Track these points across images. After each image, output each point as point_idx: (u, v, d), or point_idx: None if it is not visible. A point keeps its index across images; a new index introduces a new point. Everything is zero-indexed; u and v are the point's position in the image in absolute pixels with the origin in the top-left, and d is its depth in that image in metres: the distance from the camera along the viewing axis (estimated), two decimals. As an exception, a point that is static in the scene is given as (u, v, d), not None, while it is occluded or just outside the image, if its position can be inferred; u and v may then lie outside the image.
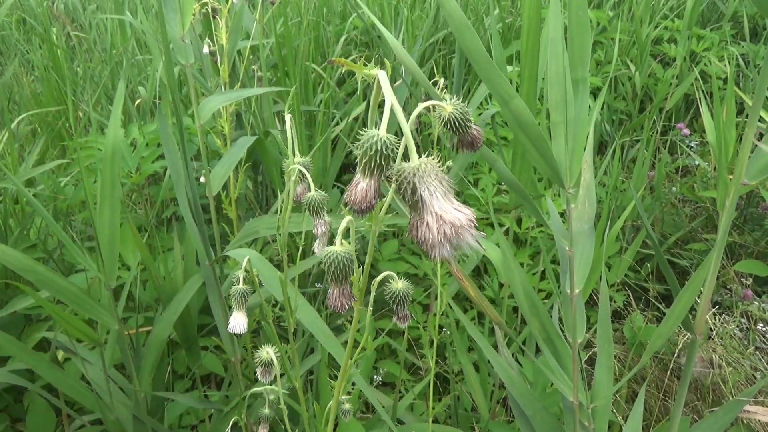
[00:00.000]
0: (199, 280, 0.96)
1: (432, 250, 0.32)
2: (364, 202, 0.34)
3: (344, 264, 0.41)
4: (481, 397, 0.96)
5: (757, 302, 1.19)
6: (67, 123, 2.06)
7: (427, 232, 0.32)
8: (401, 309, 0.47)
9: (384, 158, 0.34)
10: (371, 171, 0.34)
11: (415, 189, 0.33)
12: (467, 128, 0.39)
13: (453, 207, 0.33)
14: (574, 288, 0.57)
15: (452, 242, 0.32)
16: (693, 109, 2.25)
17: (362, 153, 0.34)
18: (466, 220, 0.32)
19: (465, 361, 0.97)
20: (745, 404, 0.73)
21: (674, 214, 1.67)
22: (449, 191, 0.33)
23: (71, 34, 2.85)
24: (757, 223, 1.54)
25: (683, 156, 1.85)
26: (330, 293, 0.42)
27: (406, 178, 0.34)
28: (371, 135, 0.34)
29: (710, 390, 1.13)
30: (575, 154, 0.52)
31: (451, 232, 0.32)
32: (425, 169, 0.33)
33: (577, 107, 0.53)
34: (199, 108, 0.92)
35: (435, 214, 0.32)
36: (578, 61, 0.53)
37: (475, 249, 0.33)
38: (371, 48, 2.30)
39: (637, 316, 1.31)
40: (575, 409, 0.60)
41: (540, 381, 0.91)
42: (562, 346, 0.60)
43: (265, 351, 0.50)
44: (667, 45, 2.18)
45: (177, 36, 0.90)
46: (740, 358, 1.11)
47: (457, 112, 0.38)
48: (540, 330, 0.61)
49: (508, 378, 0.67)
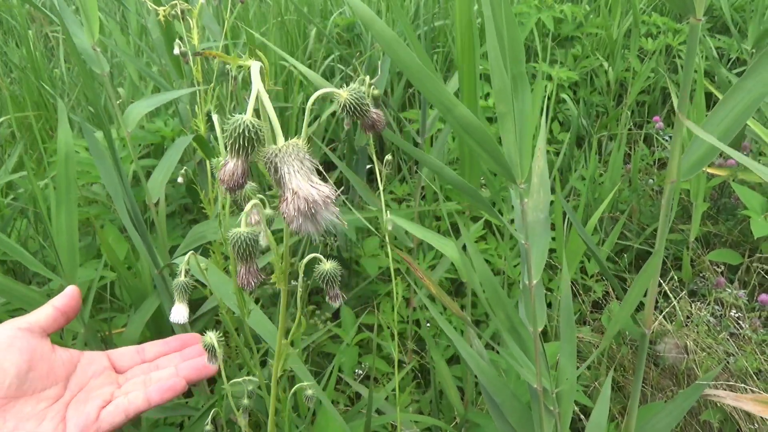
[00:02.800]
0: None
1: (292, 224, 0.35)
2: (232, 181, 0.37)
3: (248, 243, 0.43)
4: (452, 389, 0.98)
5: (729, 289, 1.22)
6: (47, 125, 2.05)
7: (285, 207, 0.35)
8: (332, 288, 0.48)
9: (247, 140, 0.37)
10: (237, 151, 0.37)
11: (277, 168, 0.36)
12: (365, 112, 0.41)
13: (310, 184, 0.35)
14: (532, 279, 0.59)
15: (307, 216, 0.35)
16: (669, 102, 2.28)
17: (228, 135, 0.37)
18: (320, 196, 0.35)
19: (437, 357, 0.99)
20: (705, 387, 0.75)
21: (651, 205, 1.70)
22: (310, 171, 0.36)
23: (49, 35, 2.83)
24: (731, 213, 1.58)
25: (659, 149, 1.88)
26: (238, 272, 0.44)
27: (269, 159, 0.37)
28: (237, 118, 0.37)
29: (685, 375, 1.16)
30: (524, 148, 0.54)
31: (304, 206, 0.35)
32: (287, 150, 0.37)
33: (519, 102, 0.55)
34: (125, 116, 0.93)
35: (292, 191, 0.35)
36: (513, 59, 0.54)
37: (334, 223, 0.36)
38: (352, 46, 2.31)
39: (615, 305, 1.33)
40: (539, 394, 0.62)
41: (513, 370, 0.93)
42: (526, 335, 0.62)
43: (208, 336, 0.51)
44: (644, 39, 2.21)
45: (86, 45, 0.91)
46: (713, 343, 1.14)
47: (352, 98, 0.41)
48: (504, 320, 0.63)
49: (478, 368, 0.69)
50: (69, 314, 0.57)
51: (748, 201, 1.25)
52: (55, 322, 0.56)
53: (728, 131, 0.60)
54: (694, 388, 0.70)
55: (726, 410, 1.06)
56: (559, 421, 0.63)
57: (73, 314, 0.57)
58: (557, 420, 0.63)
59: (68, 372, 0.54)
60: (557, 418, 0.63)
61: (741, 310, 1.21)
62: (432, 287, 0.60)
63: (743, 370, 1.07)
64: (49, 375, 0.52)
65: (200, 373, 0.56)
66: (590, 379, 1.23)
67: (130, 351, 0.60)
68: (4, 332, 0.52)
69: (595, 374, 1.26)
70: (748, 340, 1.13)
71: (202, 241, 0.90)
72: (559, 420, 0.63)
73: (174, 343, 0.61)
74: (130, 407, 0.53)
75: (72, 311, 0.57)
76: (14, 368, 0.50)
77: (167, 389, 0.54)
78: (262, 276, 0.44)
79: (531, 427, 0.69)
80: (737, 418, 1.07)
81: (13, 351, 0.51)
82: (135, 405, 0.53)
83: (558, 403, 0.62)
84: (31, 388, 0.51)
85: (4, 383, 0.49)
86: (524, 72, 0.55)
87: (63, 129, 0.80)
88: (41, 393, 0.51)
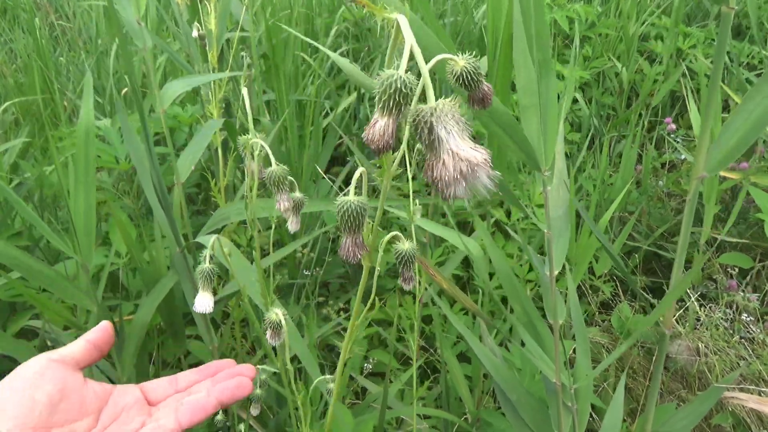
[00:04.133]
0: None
1: (448, 188, 0.33)
2: (382, 141, 0.34)
3: (357, 212, 0.41)
4: (463, 387, 0.96)
5: (742, 293, 1.21)
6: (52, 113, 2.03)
7: (443, 170, 0.33)
8: (407, 270, 0.47)
9: (403, 96, 0.34)
10: (389, 109, 0.34)
11: (432, 128, 0.33)
12: (479, 83, 0.39)
13: (470, 146, 0.33)
14: (553, 270, 0.57)
15: (468, 180, 0.33)
16: (679, 105, 2.27)
17: (381, 91, 0.34)
18: (482, 158, 0.33)
19: (448, 354, 0.98)
20: (724, 390, 0.74)
21: (660, 207, 1.69)
22: (465, 131, 0.34)
23: (55, 24, 2.81)
24: (742, 217, 1.57)
25: (670, 151, 1.87)
26: (343, 242, 0.42)
27: (423, 118, 0.34)
28: (390, 74, 0.34)
29: (696, 378, 1.15)
30: (548, 136, 0.52)
31: (467, 169, 0.32)
32: (442, 109, 0.34)
33: (543, 89, 0.54)
34: (161, 93, 0.91)
35: (451, 152, 0.33)
36: (539, 44, 0.53)
37: (490, 188, 0.33)
38: (360, 41, 2.29)
39: (624, 306, 1.32)
40: (558, 390, 0.60)
41: (528, 368, 0.92)
42: (544, 330, 0.61)
43: (273, 312, 0.50)
44: (654, 41, 2.20)
45: (132, 19, 0.90)
46: (726, 346, 1.13)
47: (469, 66, 0.38)
48: (521, 314, 0.62)
49: (491, 365, 0.68)
50: (102, 348, 0.56)
51: (763, 204, 1.24)
52: (88, 355, 0.55)
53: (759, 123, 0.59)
54: (713, 391, 0.69)
55: (738, 414, 1.05)
56: (576, 418, 0.61)
57: (106, 348, 0.56)
58: (575, 417, 0.62)
59: (100, 405, 0.53)
60: (575, 414, 0.62)
61: (753, 314, 1.20)
62: (444, 283, 0.59)
63: (756, 374, 1.06)
64: (81, 407, 0.52)
65: (233, 393, 0.55)
66: (599, 380, 1.22)
67: (163, 383, 0.59)
68: (36, 363, 0.51)
69: (604, 375, 1.24)
70: (761, 343, 1.12)
71: (225, 221, 0.89)
72: (576, 417, 0.62)
73: (208, 370, 0.59)
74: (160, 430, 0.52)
75: (106, 345, 0.56)
76: (46, 398, 0.49)
77: (198, 410, 0.53)
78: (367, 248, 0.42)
79: (547, 424, 0.68)
80: (749, 422, 1.05)
81: (45, 381, 0.50)
82: (166, 428, 0.52)
83: (576, 399, 0.61)
84: (62, 419, 0.50)
85: (35, 413, 0.49)
86: (550, 58, 0.53)
87: (86, 106, 0.79)
88: (72, 425, 0.51)
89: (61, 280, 0.80)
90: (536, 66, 0.51)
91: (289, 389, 0.55)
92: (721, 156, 0.65)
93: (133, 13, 0.88)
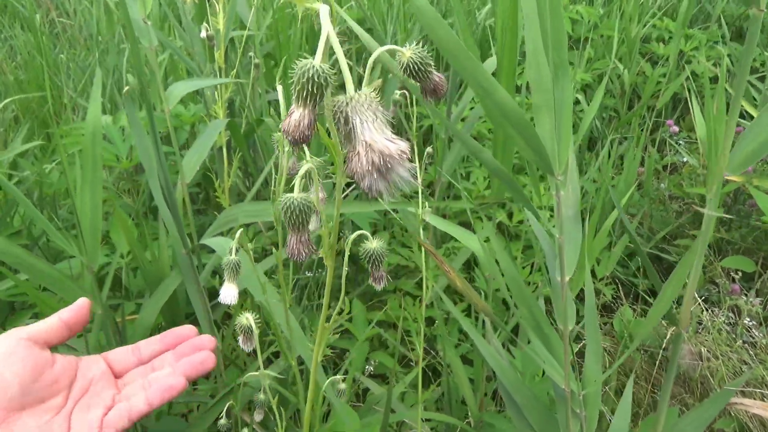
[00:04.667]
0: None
1: (362, 181, 0.32)
2: (297, 132, 0.34)
3: (300, 209, 0.40)
4: (467, 389, 0.96)
5: (744, 296, 1.20)
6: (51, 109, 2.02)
7: (357, 163, 0.32)
8: (376, 269, 0.46)
9: (317, 87, 0.33)
10: (304, 100, 0.34)
11: (347, 119, 0.33)
12: (428, 74, 0.38)
13: (385, 137, 0.32)
14: (565, 275, 0.57)
15: (381, 172, 0.31)
16: (680, 108, 2.27)
17: (296, 81, 0.34)
18: (396, 150, 0.32)
19: (452, 354, 0.97)
20: (732, 394, 0.74)
21: (662, 210, 1.68)
22: (383, 123, 0.33)
23: (56, 21, 2.80)
24: (744, 220, 1.56)
25: (671, 153, 1.86)
26: (288, 240, 0.41)
27: (339, 108, 0.34)
28: (305, 63, 0.34)
29: (698, 383, 1.14)
30: (563, 138, 0.52)
31: (379, 160, 0.31)
32: (359, 99, 0.33)
33: (558, 91, 0.53)
34: (167, 93, 0.91)
35: (365, 143, 0.32)
36: (555, 44, 0.52)
37: (407, 181, 0.32)
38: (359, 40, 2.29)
39: (626, 309, 1.32)
40: (567, 397, 0.60)
41: (529, 370, 0.91)
42: (551, 334, 0.60)
43: (244, 317, 0.49)
44: (656, 43, 2.20)
45: (138, 17, 0.89)
46: (728, 351, 1.13)
47: (416, 57, 0.38)
48: (529, 318, 0.61)
49: (498, 366, 0.67)
50: (74, 328, 0.55)
51: (766, 207, 1.23)
52: (59, 333, 0.54)
53: None
54: (722, 395, 0.69)
55: (741, 420, 1.05)
56: (585, 425, 0.61)
57: (78, 328, 0.56)
58: (583, 423, 0.61)
59: (70, 380, 0.53)
60: (583, 421, 0.61)
61: (755, 318, 1.20)
62: (457, 280, 0.59)
63: (759, 379, 1.05)
64: (53, 385, 0.51)
65: (198, 369, 0.55)
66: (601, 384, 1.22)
67: (125, 351, 0.59)
68: (5, 343, 0.50)
69: (605, 380, 1.24)
70: (764, 348, 1.12)
71: (233, 224, 0.88)
72: (585, 423, 0.61)
73: (169, 337, 0.59)
74: (133, 412, 0.52)
75: (78, 325, 0.55)
76: (17, 378, 0.49)
77: (167, 389, 0.53)
78: (313, 247, 0.41)
79: (553, 427, 0.67)
80: (751, 427, 1.05)
81: (16, 361, 0.49)
82: (137, 409, 0.52)
83: (584, 406, 0.60)
84: (35, 399, 0.50)
85: (7, 394, 0.48)
86: (566, 59, 0.53)
87: (94, 104, 0.78)
88: (45, 404, 0.50)
89: (65, 280, 0.79)
90: (551, 66, 0.50)
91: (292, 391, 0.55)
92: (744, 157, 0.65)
93: (138, 11, 0.88)
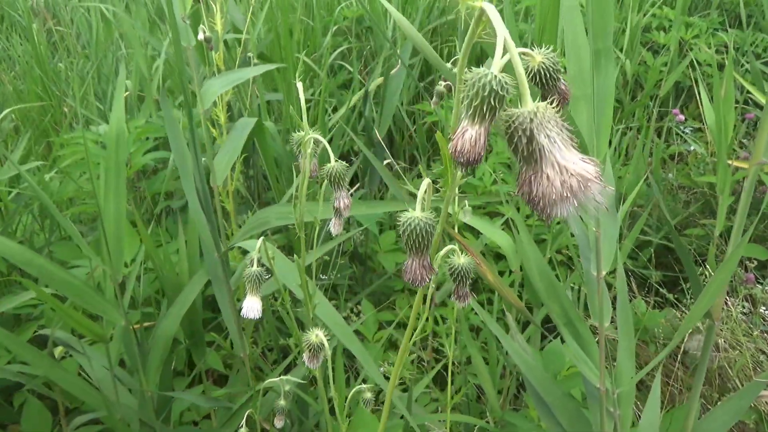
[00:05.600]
0: (205, 274, 0.93)
1: (552, 208, 0.28)
2: (473, 152, 0.29)
3: (426, 231, 0.36)
4: (490, 387, 0.94)
5: (761, 285, 1.19)
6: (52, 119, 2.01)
7: (548, 187, 0.28)
8: (462, 287, 0.43)
9: (499, 100, 0.29)
10: (482, 116, 0.29)
11: (531, 137, 0.29)
12: (557, 80, 0.34)
13: (578, 158, 0.29)
14: (601, 270, 0.55)
15: (578, 197, 0.28)
16: (683, 97, 2.25)
17: (473, 94, 0.29)
18: (594, 172, 0.28)
19: (474, 351, 0.95)
20: (762, 387, 0.72)
21: (671, 200, 1.67)
22: (570, 141, 0.29)
23: (53, 30, 2.79)
24: (754, 208, 1.54)
25: (678, 142, 1.84)
26: (407, 264, 0.37)
27: (521, 125, 0.29)
28: (483, 73, 0.29)
29: (716, 374, 1.13)
30: (602, 129, 0.50)
31: (578, 185, 0.28)
32: (544, 114, 0.29)
33: (600, 80, 0.51)
34: (202, 93, 0.88)
35: (558, 165, 0.28)
36: (600, 31, 0.50)
37: (600, 206, 0.28)
38: (362, 40, 2.27)
39: (640, 302, 1.30)
40: (602, 396, 0.58)
41: (551, 368, 0.89)
42: (585, 332, 0.58)
43: (314, 334, 0.47)
44: (656, 32, 2.17)
45: (178, 16, 0.87)
46: (746, 341, 1.11)
47: (548, 62, 0.33)
48: (560, 314, 0.59)
49: (524, 364, 0.65)
50: None
51: (779, 194, 1.21)
52: None
53: None
54: (753, 387, 0.67)
55: (761, 410, 1.03)
56: (619, 424, 0.59)
57: None
58: (617, 422, 0.59)
59: None
60: (617, 420, 0.59)
61: (772, 307, 1.18)
62: (489, 274, 0.57)
63: (779, 369, 1.03)
64: None
65: None
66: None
67: None
68: None
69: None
70: (782, 337, 1.10)
71: (265, 226, 0.85)
72: (619, 422, 0.59)
73: None
74: None
75: None
76: None
77: None
78: (434, 270, 0.37)
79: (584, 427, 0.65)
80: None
81: None
82: None
83: (618, 404, 0.59)
84: None
85: None
86: (611, 46, 0.50)
87: (117, 109, 0.76)
88: None
89: (89, 291, 0.78)
90: (592, 55, 0.48)
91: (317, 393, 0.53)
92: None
93: (179, 10, 0.85)
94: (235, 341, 0.96)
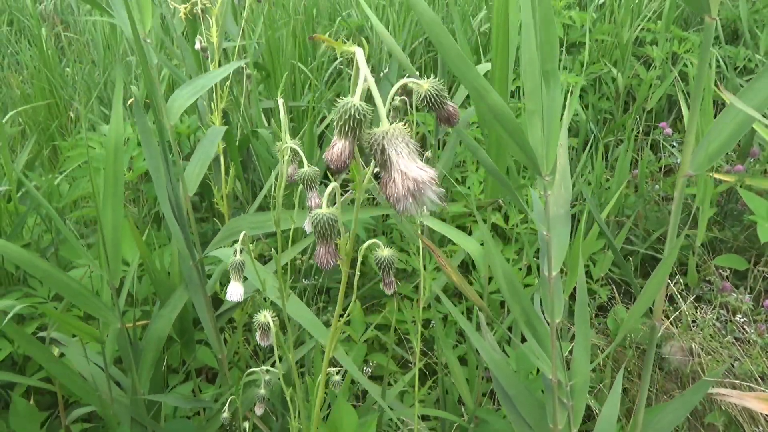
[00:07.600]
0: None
1: (398, 204, 0.37)
2: (339, 161, 0.39)
3: (329, 223, 0.46)
4: (464, 388, 0.99)
5: (735, 294, 1.23)
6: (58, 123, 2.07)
7: (393, 188, 0.37)
8: (387, 275, 0.51)
9: (357, 122, 0.39)
10: (345, 133, 0.39)
11: (383, 150, 0.38)
12: (443, 104, 0.43)
13: (417, 166, 0.37)
14: (552, 270, 0.60)
15: (415, 196, 0.37)
16: (676, 110, 2.30)
17: (338, 117, 0.39)
18: (427, 176, 0.37)
19: (449, 354, 1.00)
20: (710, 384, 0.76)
21: (657, 211, 1.71)
22: (414, 153, 0.38)
23: (61, 35, 2.85)
24: (737, 219, 1.59)
25: (666, 155, 1.89)
26: (317, 251, 0.47)
27: (376, 141, 0.38)
28: (346, 101, 0.39)
29: (690, 378, 1.17)
30: (551, 142, 0.55)
31: (413, 186, 0.37)
32: (393, 132, 0.38)
33: (549, 98, 0.56)
34: (168, 106, 0.89)
35: (400, 171, 0.37)
36: (547, 56, 0.56)
37: (435, 204, 0.38)
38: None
39: (620, 308, 1.34)
40: (554, 387, 0.63)
41: (523, 368, 0.94)
42: (542, 329, 0.63)
43: (262, 315, 0.53)
44: (649, 47, 2.22)
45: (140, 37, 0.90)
46: (719, 347, 1.15)
47: (432, 89, 0.43)
48: (521, 314, 0.64)
49: (491, 360, 0.70)
50: None
51: (755, 207, 1.26)
52: None
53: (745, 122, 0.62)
54: (700, 385, 0.72)
55: (730, 413, 1.07)
56: (572, 414, 0.64)
57: None
58: (570, 413, 0.64)
59: None
60: (570, 411, 0.64)
61: (746, 315, 1.22)
62: (453, 275, 0.62)
63: (748, 374, 1.08)
64: None
65: None
66: (596, 380, 1.24)
67: None
68: None
69: (600, 377, 1.26)
70: (753, 344, 1.14)
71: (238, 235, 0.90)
72: (572, 413, 0.64)
73: None
74: None
75: None
76: None
77: None
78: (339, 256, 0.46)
79: (544, 420, 0.70)
80: (741, 421, 1.07)
81: None
82: None
83: (571, 396, 0.63)
84: None
85: None
86: (557, 69, 0.56)
87: (116, 117, 0.80)
88: None
89: (88, 294, 0.82)
90: (541, 76, 0.54)
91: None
92: (707, 154, 0.68)
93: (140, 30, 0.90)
94: (213, 343, 1.00)
